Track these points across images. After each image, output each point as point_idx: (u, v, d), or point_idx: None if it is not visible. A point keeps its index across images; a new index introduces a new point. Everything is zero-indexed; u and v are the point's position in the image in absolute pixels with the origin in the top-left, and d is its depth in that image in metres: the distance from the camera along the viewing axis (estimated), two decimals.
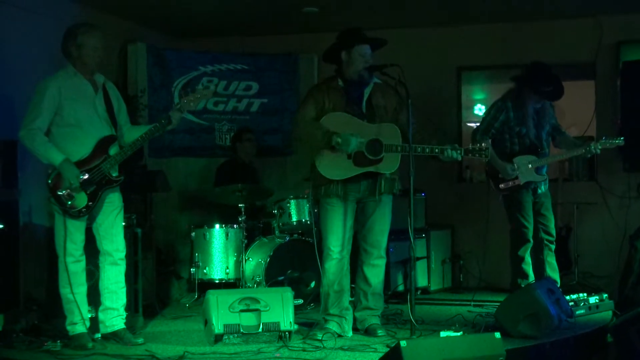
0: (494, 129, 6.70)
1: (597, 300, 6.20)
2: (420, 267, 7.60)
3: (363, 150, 5.37)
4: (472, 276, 8.04)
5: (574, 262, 7.70)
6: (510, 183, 6.64)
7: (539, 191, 6.72)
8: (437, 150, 5.44)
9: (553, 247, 6.80)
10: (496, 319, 5.59)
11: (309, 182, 5.67)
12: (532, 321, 5.38)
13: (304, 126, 5.46)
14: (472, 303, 6.82)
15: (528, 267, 6.76)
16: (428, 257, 7.72)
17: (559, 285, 6.45)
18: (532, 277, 6.72)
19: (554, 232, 6.81)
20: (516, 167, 6.62)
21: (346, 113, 5.48)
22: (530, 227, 6.71)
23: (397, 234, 7.21)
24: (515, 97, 6.69)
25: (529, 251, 6.74)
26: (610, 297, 6.35)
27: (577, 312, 5.97)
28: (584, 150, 6.61)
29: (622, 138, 6.63)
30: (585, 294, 6.22)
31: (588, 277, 7.72)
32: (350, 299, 5.76)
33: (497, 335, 4.46)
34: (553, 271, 6.78)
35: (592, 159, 8.07)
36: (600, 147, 6.59)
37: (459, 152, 5.45)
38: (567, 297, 5.96)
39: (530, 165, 6.61)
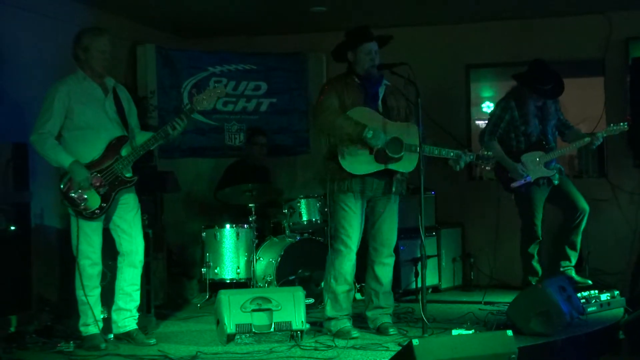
0: (500, 129, 6.75)
1: (608, 297, 6.21)
2: (431, 266, 7.59)
3: (385, 148, 5.40)
4: (483, 274, 8.02)
5: (585, 259, 7.68)
6: (522, 181, 6.66)
7: (556, 182, 6.72)
8: (452, 154, 5.51)
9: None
10: (508, 317, 5.60)
11: (321, 178, 5.64)
12: (544, 319, 5.38)
13: (331, 116, 5.42)
14: (483, 301, 6.83)
15: (537, 264, 6.76)
16: (438, 256, 7.72)
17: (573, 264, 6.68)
18: (539, 275, 6.75)
19: (586, 206, 6.79)
20: (525, 165, 6.64)
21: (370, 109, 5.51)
22: (540, 224, 6.72)
23: (407, 233, 7.25)
24: (517, 96, 6.75)
25: (537, 250, 6.77)
26: (621, 294, 6.35)
27: (589, 309, 5.97)
28: (589, 140, 6.64)
29: (625, 123, 6.68)
30: (596, 291, 6.23)
31: (599, 274, 7.70)
32: (361, 297, 5.77)
33: (509, 333, 4.47)
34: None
35: (602, 155, 8.07)
36: (605, 134, 6.67)
37: (470, 156, 5.54)
38: (579, 294, 5.96)
39: (538, 161, 6.63)
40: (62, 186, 5.22)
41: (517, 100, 6.72)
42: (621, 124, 6.68)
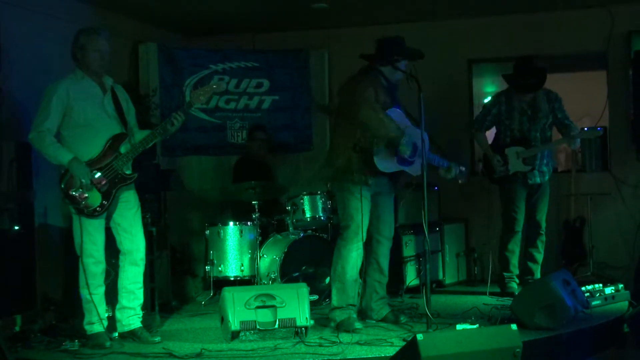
0: (487, 122, 7.02)
1: (612, 291, 6.22)
2: (435, 261, 7.60)
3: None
4: (487, 269, 8.01)
5: (589, 253, 7.69)
6: (502, 173, 6.86)
7: (530, 182, 6.85)
8: (446, 164, 5.85)
9: (542, 237, 6.99)
10: (512, 311, 5.60)
11: (337, 167, 5.69)
12: (548, 312, 5.39)
13: (375, 111, 5.51)
14: (488, 292, 6.92)
15: (511, 255, 6.98)
16: (442, 251, 7.72)
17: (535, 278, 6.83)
18: (513, 267, 6.99)
19: (542, 223, 6.97)
20: (506, 158, 6.85)
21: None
22: (519, 217, 6.92)
23: (411, 228, 7.26)
24: (507, 92, 6.97)
25: (514, 241, 6.95)
26: (625, 288, 6.35)
27: (593, 303, 5.98)
28: (567, 141, 6.81)
29: (600, 129, 6.93)
30: (600, 285, 6.25)
31: (603, 268, 7.70)
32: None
33: (514, 327, 4.47)
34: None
35: (605, 149, 8.06)
36: (580, 137, 6.79)
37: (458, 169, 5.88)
38: (583, 288, 5.97)
39: (517, 156, 6.80)
40: (62, 185, 5.22)
41: (506, 96, 6.95)
42: (597, 129, 6.92)
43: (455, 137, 7.88)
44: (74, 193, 5.20)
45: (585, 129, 6.84)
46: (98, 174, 5.25)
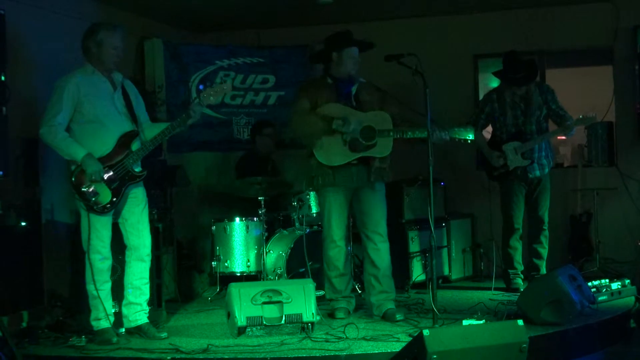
0: (482, 120, 7.03)
1: (619, 286, 6.22)
2: (441, 257, 7.60)
3: (357, 137, 5.70)
4: (493, 264, 8.01)
5: (595, 248, 7.68)
6: (502, 170, 6.88)
7: (530, 175, 6.85)
8: (415, 132, 5.69)
9: (545, 233, 6.99)
10: (518, 307, 5.60)
11: (306, 176, 6.05)
12: (555, 308, 5.38)
13: (302, 116, 5.80)
14: (492, 288, 6.92)
15: (514, 252, 7.00)
16: (448, 247, 7.72)
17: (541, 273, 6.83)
18: (517, 264, 6.99)
19: (544, 218, 6.98)
20: (505, 154, 6.85)
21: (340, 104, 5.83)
22: (517, 214, 6.94)
23: (417, 224, 7.26)
24: (499, 89, 7.02)
25: (514, 238, 6.98)
26: (632, 283, 6.35)
27: (600, 298, 5.98)
28: (562, 130, 6.85)
29: (595, 114, 6.84)
30: (607, 280, 6.25)
31: (609, 263, 7.69)
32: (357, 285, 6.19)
33: (520, 322, 4.47)
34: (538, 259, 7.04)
35: (612, 144, 8.04)
36: (576, 125, 6.79)
37: (446, 132, 5.71)
38: (589, 284, 5.96)
39: (516, 151, 6.81)
40: (73, 179, 5.23)
41: (498, 93, 6.98)
42: (590, 115, 6.82)
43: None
44: (85, 189, 5.20)
45: (580, 116, 6.77)
46: (109, 171, 5.26)
